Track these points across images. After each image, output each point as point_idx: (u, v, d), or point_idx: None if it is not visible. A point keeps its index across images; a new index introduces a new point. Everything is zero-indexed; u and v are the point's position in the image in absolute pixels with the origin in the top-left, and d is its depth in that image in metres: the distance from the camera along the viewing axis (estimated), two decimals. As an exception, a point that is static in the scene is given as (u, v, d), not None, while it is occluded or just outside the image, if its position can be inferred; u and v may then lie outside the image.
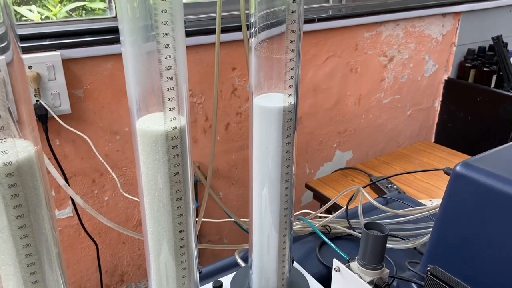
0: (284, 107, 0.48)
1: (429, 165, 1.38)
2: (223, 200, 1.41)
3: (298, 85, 0.48)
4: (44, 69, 0.98)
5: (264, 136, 0.50)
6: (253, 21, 0.47)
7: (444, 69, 1.79)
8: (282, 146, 0.50)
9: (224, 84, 1.28)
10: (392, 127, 1.74)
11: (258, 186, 0.53)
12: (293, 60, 0.46)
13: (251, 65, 0.49)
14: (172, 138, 0.42)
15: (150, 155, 0.42)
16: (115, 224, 0.58)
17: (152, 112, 0.42)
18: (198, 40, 1.19)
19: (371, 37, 1.53)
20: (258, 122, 0.50)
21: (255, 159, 0.52)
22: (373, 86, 1.61)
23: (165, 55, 0.39)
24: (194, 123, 1.27)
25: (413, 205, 0.85)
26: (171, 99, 0.40)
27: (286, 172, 0.51)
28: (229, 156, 1.37)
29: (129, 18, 0.38)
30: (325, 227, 0.77)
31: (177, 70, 0.40)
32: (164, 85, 0.39)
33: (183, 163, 0.43)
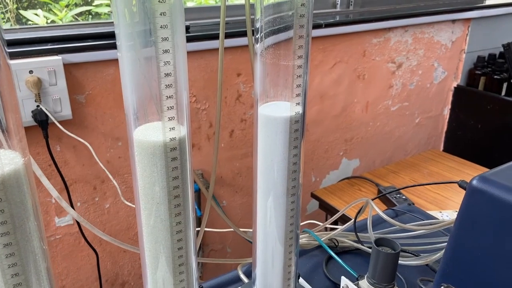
0: (291, 117, 0.45)
1: (438, 175, 1.35)
2: (227, 209, 1.39)
3: (306, 93, 0.46)
4: (45, 73, 0.96)
5: (269, 147, 0.47)
6: (259, 26, 0.44)
7: (453, 76, 1.76)
8: (289, 158, 0.47)
9: (229, 90, 1.25)
10: (400, 135, 1.71)
11: (262, 199, 0.50)
12: (301, 67, 0.43)
13: (256, 72, 0.46)
14: (171, 149, 0.39)
15: (147, 167, 0.39)
16: (111, 238, 0.55)
17: (151, 121, 0.40)
18: (203, 45, 1.16)
19: (379, 43, 1.50)
20: (263, 132, 0.47)
21: (260, 171, 0.49)
22: (381, 93, 1.58)
23: (164, 61, 0.36)
24: (197, 130, 1.24)
25: (424, 218, 0.81)
26: (170, 108, 0.37)
27: (292, 186, 0.48)
28: (233, 164, 1.34)
29: (126, 22, 0.36)
30: (332, 240, 0.74)
31: (177, 77, 0.37)
32: (162, 93, 0.37)
33: (182, 176, 0.41)
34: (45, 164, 1.06)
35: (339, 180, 1.42)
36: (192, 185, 0.43)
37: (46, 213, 1.11)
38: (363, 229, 0.78)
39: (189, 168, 0.41)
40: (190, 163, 0.42)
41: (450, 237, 0.58)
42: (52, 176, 1.08)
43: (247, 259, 0.69)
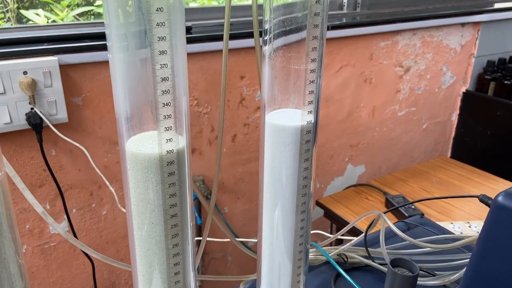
0: (302, 127, 0.41)
1: (447, 183, 1.30)
2: (228, 216, 1.34)
3: (319, 101, 0.41)
4: (40, 75, 0.92)
5: (277, 159, 0.42)
6: (267, 28, 0.40)
7: (462, 81, 1.71)
8: (299, 172, 0.42)
9: (232, 94, 1.21)
10: (407, 140, 1.66)
11: (268, 213, 0.45)
12: (314, 71, 0.39)
13: (264, 76, 0.42)
14: (167, 163, 0.34)
15: (140, 183, 0.35)
16: (102, 256, 0.50)
17: (146, 130, 0.35)
18: (205, 47, 1.12)
19: (386, 46, 1.45)
20: (270, 143, 0.42)
21: (266, 184, 0.44)
22: (388, 97, 1.53)
23: (160, 64, 0.32)
24: (199, 134, 1.20)
25: (437, 232, 0.77)
26: (167, 116, 0.33)
27: (302, 202, 0.44)
28: (235, 169, 1.30)
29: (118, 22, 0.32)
30: (341, 256, 0.69)
31: (176, 82, 0.33)
32: (159, 100, 0.32)
33: (181, 192, 0.36)
34: (40, 169, 1.02)
35: (345, 188, 1.37)
36: (191, 203, 0.38)
37: (40, 220, 1.07)
38: (374, 243, 0.74)
39: (188, 183, 0.37)
40: (189, 177, 0.37)
41: (472, 256, 0.53)
42: (46, 182, 1.03)
43: (250, 276, 0.65)
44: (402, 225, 0.79)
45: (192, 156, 1.21)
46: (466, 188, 1.27)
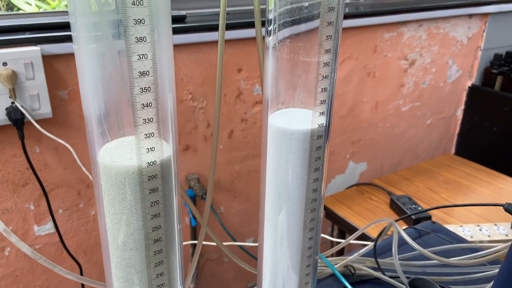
0: (312, 131, 0.34)
1: (454, 182, 1.24)
2: (224, 216, 1.28)
3: (333, 100, 0.34)
4: (21, 66, 0.85)
5: (282, 169, 0.36)
6: (272, 17, 0.33)
7: (468, 75, 1.65)
8: (307, 183, 0.36)
9: (229, 87, 1.14)
10: (410, 137, 1.60)
11: (271, 233, 0.39)
12: (328, 64, 0.32)
13: (267, 70, 0.35)
14: (149, 177, 0.28)
15: (116, 202, 0.28)
16: (68, 272, 0.44)
17: (123, 135, 0.29)
18: (201, 37, 1.05)
19: (391, 38, 1.39)
20: (274, 150, 0.36)
21: (269, 199, 0.38)
22: (392, 92, 1.47)
23: (138, 55, 0.25)
24: (194, 130, 1.13)
25: (451, 239, 0.71)
26: (147, 120, 0.26)
27: (311, 218, 0.37)
28: (232, 167, 1.23)
29: (86, 10, 0.25)
30: (348, 267, 0.63)
31: (159, 77, 0.26)
32: (136, 100, 0.26)
33: (166, 212, 0.30)
34: (23, 167, 0.95)
35: (347, 187, 1.31)
36: (180, 223, 0.32)
37: (25, 221, 1.00)
38: (382, 252, 0.68)
39: (175, 200, 0.30)
40: (177, 193, 0.31)
41: (499, 274, 0.47)
42: (30, 181, 0.97)
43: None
44: (413, 232, 0.73)
45: (186, 153, 1.14)
46: (473, 187, 1.21)
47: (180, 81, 1.06)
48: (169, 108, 0.28)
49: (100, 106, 0.27)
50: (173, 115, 0.29)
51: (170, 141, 0.29)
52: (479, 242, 0.94)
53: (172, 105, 0.29)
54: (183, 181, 1.16)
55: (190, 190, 1.12)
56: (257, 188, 1.32)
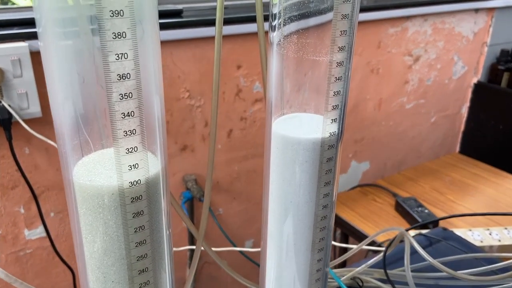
0: (322, 140, 0.30)
1: (461, 183, 1.20)
2: (223, 217, 1.24)
3: (346, 105, 0.30)
4: (8, 63, 0.80)
5: (287, 183, 0.32)
6: (277, 12, 0.28)
7: (473, 71, 1.60)
8: (317, 199, 0.31)
9: (227, 85, 1.09)
10: (414, 135, 1.56)
11: (275, 253, 0.35)
12: (342, 64, 0.28)
13: (271, 69, 0.31)
14: (132, 199, 0.23)
15: (94, 228, 0.24)
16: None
17: (102, 147, 0.24)
18: (199, 33, 1.01)
19: (396, 33, 1.34)
20: (278, 161, 0.32)
21: (273, 216, 0.34)
22: (396, 89, 1.42)
23: (116, 54, 0.20)
24: (191, 129, 1.09)
25: (464, 248, 0.67)
26: (129, 133, 0.22)
27: (320, 238, 0.33)
28: (231, 167, 1.19)
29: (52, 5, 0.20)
30: (356, 280, 0.59)
31: (142, 81, 0.22)
32: (115, 108, 0.21)
33: (153, 237, 0.25)
34: (12, 169, 0.90)
35: (350, 188, 1.27)
36: (171, 249, 0.28)
37: (14, 225, 0.96)
38: (391, 262, 0.64)
39: (165, 223, 0.26)
40: (168, 214, 0.26)
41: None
42: (20, 183, 0.92)
43: None
44: (423, 240, 0.69)
45: (183, 153, 1.10)
46: (481, 188, 1.17)
47: (177, 79, 1.01)
48: (156, 117, 0.24)
49: (73, 114, 0.22)
50: (161, 124, 0.25)
51: (158, 154, 0.25)
52: (489, 247, 0.90)
53: (160, 112, 0.24)
54: (180, 182, 1.12)
55: (188, 192, 1.08)
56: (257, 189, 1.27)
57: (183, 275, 1.25)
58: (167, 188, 0.26)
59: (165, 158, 0.26)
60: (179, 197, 1.11)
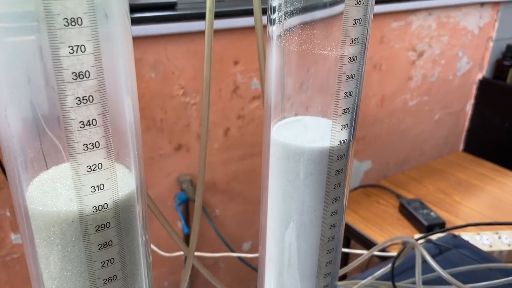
0: (331, 149, 0.25)
1: (467, 183, 1.16)
2: (220, 219, 1.19)
3: (358, 109, 0.25)
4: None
5: (289, 198, 0.27)
6: (276, 4, 0.24)
7: (478, 67, 1.56)
8: (323, 218, 0.27)
9: (224, 81, 1.04)
10: (417, 133, 1.51)
11: (274, 278, 0.30)
12: (355, 60, 0.23)
13: (270, 65, 0.26)
14: (97, 228, 0.19)
15: (52, 262, 0.19)
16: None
17: (60, 162, 0.20)
18: (193, 26, 0.96)
19: (399, 27, 1.29)
20: (278, 174, 0.27)
21: (272, 236, 0.29)
22: (399, 85, 1.38)
23: (70, 46, 0.16)
24: (187, 128, 1.04)
25: (477, 257, 0.62)
26: (90, 147, 0.17)
27: (327, 261, 0.28)
28: (228, 167, 1.14)
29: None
30: (361, 293, 0.54)
31: (108, 80, 0.17)
32: (71, 116, 0.16)
33: (126, 272, 0.21)
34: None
35: (352, 188, 1.22)
36: (150, 280, 0.23)
37: (0, 229, 0.91)
38: (399, 273, 0.59)
39: (143, 252, 0.21)
40: (147, 245, 0.22)
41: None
42: (5, 185, 0.88)
43: None
44: (432, 248, 0.65)
45: (178, 153, 1.05)
46: (488, 189, 1.13)
47: (171, 75, 0.97)
48: (128, 123, 0.19)
49: (20, 123, 0.18)
50: (134, 133, 0.20)
51: (132, 169, 0.20)
52: (498, 252, 0.86)
53: (133, 118, 0.20)
54: (174, 183, 1.07)
55: (182, 194, 1.03)
56: (255, 189, 1.22)
57: (178, 278, 1.20)
58: (144, 211, 0.21)
59: (142, 173, 0.21)
60: (174, 199, 1.07)
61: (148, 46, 0.93)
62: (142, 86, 0.95)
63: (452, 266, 0.59)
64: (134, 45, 0.22)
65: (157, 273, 1.15)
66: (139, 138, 0.20)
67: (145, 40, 0.92)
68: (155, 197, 1.04)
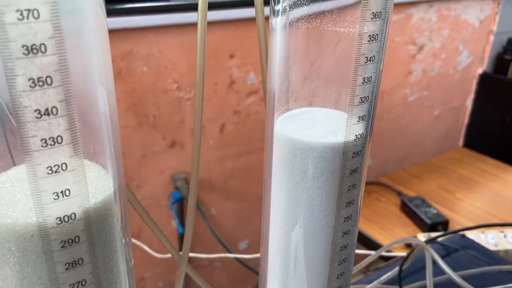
0: (345, 145, 0.22)
1: (469, 180, 1.13)
2: (216, 218, 1.16)
3: (377, 98, 0.22)
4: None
5: (296, 203, 0.23)
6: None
7: (479, 61, 1.53)
8: (335, 224, 0.23)
9: (219, 76, 1.01)
10: (417, 129, 1.48)
11: None
12: (376, 39, 0.20)
13: (273, 45, 0.22)
14: (63, 244, 0.15)
15: (7, 283, 0.16)
16: None
17: (16, 164, 0.16)
18: (188, 18, 0.92)
19: (399, 20, 1.26)
20: (283, 173, 0.23)
21: (276, 243, 0.25)
22: (399, 80, 1.34)
23: (18, 10, 0.12)
24: (181, 124, 1.00)
25: (487, 259, 0.59)
26: (50, 142, 0.13)
27: (338, 274, 0.25)
28: (224, 165, 1.11)
29: None
30: (367, 299, 0.51)
31: (71, 57, 0.13)
32: (23, 102, 0.13)
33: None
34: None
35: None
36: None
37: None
38: (405, 276, 0.56)
39: (124, 271, 0.18)
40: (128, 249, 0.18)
41: None
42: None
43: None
44: (439, 249, 0.61)
45: (172, 150, 1.01)
46: (490, 185, 1.10)
47: (164, 69, 0.93)
48: (102, 115, 0.16)
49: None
50: (110, 126, 0.16)
51: (109, 168, 0.17)
52: (504, 251, 0.83)
53: (108, 109, 0.16)
54: (168, 182, 1.04)
55: (177, 192, 1.00)
56: (252, 187, 1.17)
57: (173, 279, 1.17)
58: (124, 211, 0.17)
59: (121, 173, 0.17)
60: (168, 197, 1.03)
61: (140, 39, 0.89)
62: (133, 81, 0.91)
63: (461, 268, 0.55)
64: (124, 37, 0.19)
65: (151, 274, 1.11)
66: (117, 134, 0.17)
67: (136, 32, 0.88)
68: (148, 196, 1.00)
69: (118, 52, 0.87)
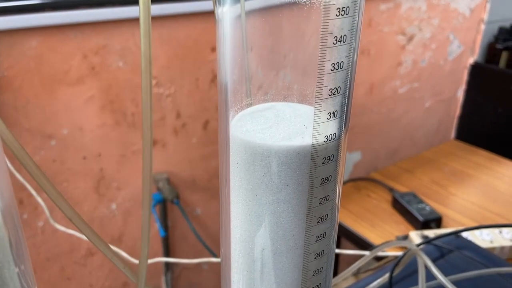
0: (313, 148, 0.17)
1: (462, 173, 1.09)
2: (201, 218, 1.11)
3: (352, 89, 0.17)
4: None
5: (257, 221, 0.19)
6: None
7: (470, 51, 1.49)
8: (306, 244, 0.19)
9: (201, 70, 0.96)
10: (408, 122, 1.44)
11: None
12: (346, 13, 0.15)
13: (223, 31, 0.18)
14: None
15: None
16: None
17: None
18: (165, 9, 0.87)
19: (388, 10, 1.22)
20: (241, 183, 0.19)
21: (238, 267, 0.21)
22: (388, 72, 1.31)
23: None
24: (161, 122, 0.95)
25: (485, 261, 0.55)
26: None
27: (311, 302, 0.21)
28: (208, 163, 1.06)
29: None
30: (355, 309, 0.47)
31: None
32: None
33: None
34: None
35: (341, 182, 1.15)
36: None
37: None
38: (396, 281, 0.52)
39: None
40: (26, 277, 0.14)
41: None
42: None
43: None
44: (433, 251, 0.57)
45: (153, 149, 0.96)
46: (484, 178, 1.07)
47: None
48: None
49: None
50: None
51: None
52: (500, 248, 0.80)
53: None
54: (150, 182, 0.99)
55: (158, 194, 0.95)
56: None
57: (158, 283, 1.12)
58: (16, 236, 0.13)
59: (8, 188, 0.13)
60: (149, 199, 0.98)
61: (114, 32, 0.84)
62: (109, 77, 0.86)
63: (457, 271, 0.52)
64: (98, 30, 0.15)
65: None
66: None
67: (110, 24, 0.83)
68: (129, 198, 0.96)
69: (91, 47, 0.82)
